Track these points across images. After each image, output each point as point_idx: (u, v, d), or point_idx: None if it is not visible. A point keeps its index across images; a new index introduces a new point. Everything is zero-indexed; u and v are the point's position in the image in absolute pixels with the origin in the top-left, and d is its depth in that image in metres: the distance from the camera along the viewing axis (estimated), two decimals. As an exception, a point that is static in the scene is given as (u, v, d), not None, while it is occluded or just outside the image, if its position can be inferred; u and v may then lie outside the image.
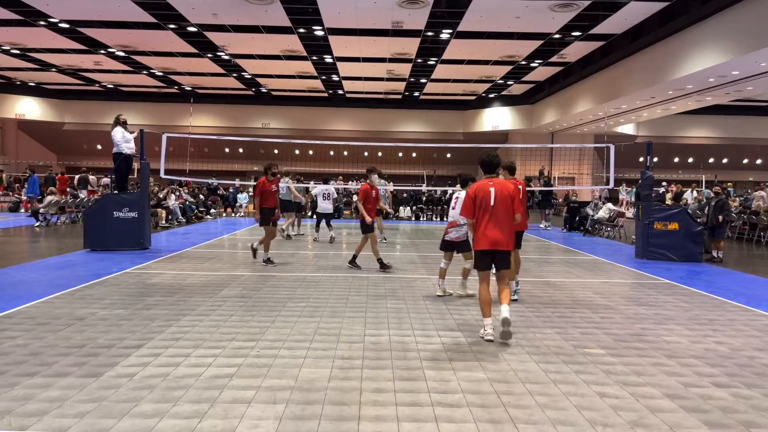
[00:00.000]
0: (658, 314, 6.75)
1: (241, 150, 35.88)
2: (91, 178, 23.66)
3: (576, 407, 3.91)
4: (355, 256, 9.81)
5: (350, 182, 25.73)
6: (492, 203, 5.58)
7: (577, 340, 5.58)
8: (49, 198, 17.41)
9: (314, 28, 19.53)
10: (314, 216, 15.90)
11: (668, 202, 19.64)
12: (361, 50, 22.57)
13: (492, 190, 5.62)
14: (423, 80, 28.50)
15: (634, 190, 27.28)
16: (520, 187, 6.86)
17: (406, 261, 10.91)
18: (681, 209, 12.04)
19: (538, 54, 22.72)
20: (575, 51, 22.37)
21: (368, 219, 9.49)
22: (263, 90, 32.51)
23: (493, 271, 5.77)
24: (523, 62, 24.14)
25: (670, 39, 17.86)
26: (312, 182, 16.71)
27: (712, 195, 13.04)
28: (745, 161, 37.81)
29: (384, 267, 9.56)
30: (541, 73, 26.58)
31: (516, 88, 30.68)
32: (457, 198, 7.46)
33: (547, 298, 7.57)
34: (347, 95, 33.73)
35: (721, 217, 11.87)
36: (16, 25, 19.81)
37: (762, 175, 36.32)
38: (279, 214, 10.03)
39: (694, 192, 24.33)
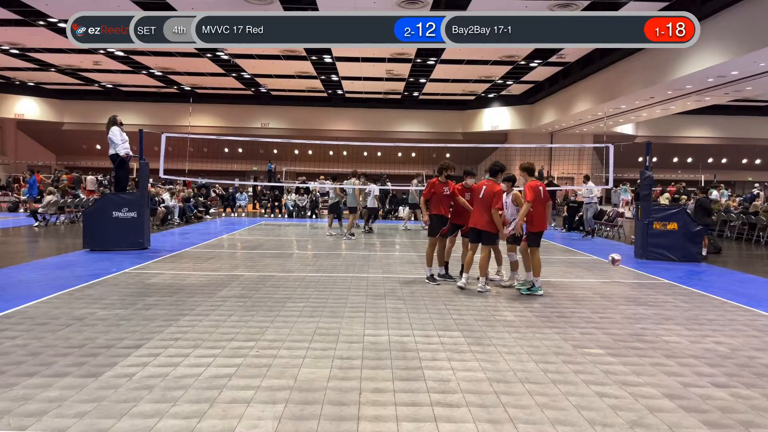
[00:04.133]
0: (658, 314, 6.75)
1: (240, 150, 35.88)
2: (90, 178, 23.66)
3: (575, 407, 3.91)
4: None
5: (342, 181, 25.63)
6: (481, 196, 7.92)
7: (577, 340, 5.58)
8: (48, 198, 17.40)
9: (314, 28, 19.51)
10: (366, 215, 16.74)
11: (663, 202, 19.67)
12: (361, 50, 22.57)
13: (484, 187, 7.90)
14: (422, 80, 28.52)
15: (624, 188, 27.35)
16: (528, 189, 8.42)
17: (405, 261, 10.91)
18: (680, 209, 12.05)
19: (538, 54, 22.75)
20: (574, 51, 22.39)
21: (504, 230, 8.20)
22: (263, 90, 32.52)
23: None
24: (523, 62, 24.16)
25: (670, 39, 17.84)
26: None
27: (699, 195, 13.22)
28: (744, 161, 37.85)
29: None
30: (540, 73, 26.61)
31: (515, 88, 30.70)
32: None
33: (547, 298, 7.57)
34: (347, 95, 33.74)
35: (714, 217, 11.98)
36: (15, 25, 19.81)
37: (761, 175, 36.37)
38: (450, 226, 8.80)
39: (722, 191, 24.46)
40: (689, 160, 37.24)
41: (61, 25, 19.58)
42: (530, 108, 32.53)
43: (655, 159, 31.62)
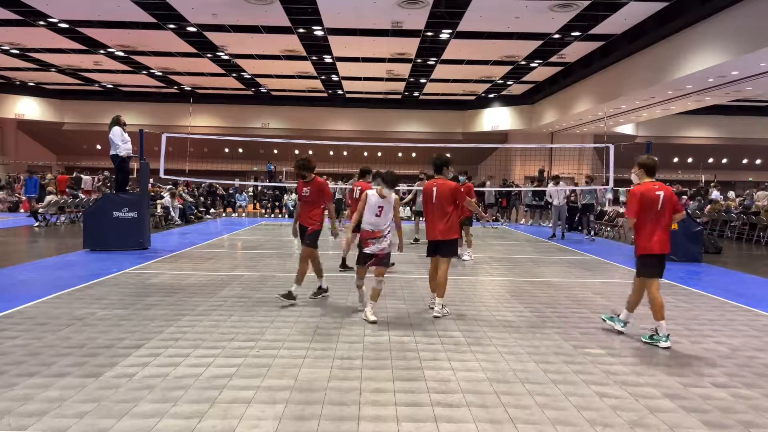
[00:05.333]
0: (658, 314, 6.74)
1: (240, 150, 35.87)
2: (86, 178, 23.66)
3: (576, 407, 3.91)
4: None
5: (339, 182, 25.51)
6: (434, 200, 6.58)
7: (577, 340, 5.58)
8: (48, 198, 17.41)
9: (314, 28, 19.53)
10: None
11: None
12: (361, 50, 22.57)
13: (435, 189, 6.55)
14: (423, 80, 28.51)
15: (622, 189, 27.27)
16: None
17: (405, 261, 10.91)
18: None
19: (538, 54, 22.72)
20: (575, 51, 22.37)
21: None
22: (263, 90, 32.51)
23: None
24: (523, 62, 24.15)
25: (670, 39, 17.86)
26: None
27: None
28: (745, 161, 37.82)
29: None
30: (540, 73, 26.58)
31: (515, 88, 30.68)
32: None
33: (547, 298, 7.57)
34: (347, 95, 33.73)
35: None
36: (15, 25, 19.80)
37: (762, 175, 36.32)
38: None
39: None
40: (689, 160, 37.20)
41: (62, 25, 19.59)
42: (530, 108, 32.50)
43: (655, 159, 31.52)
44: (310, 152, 35.74)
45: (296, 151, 35.95)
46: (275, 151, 35.00)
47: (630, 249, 13.03)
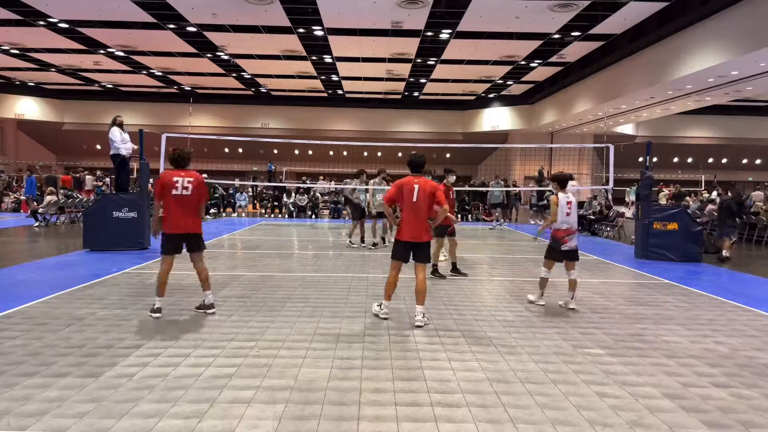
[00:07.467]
0: (658, 314, 6.75)
1: (240, 150, 35.89)
2: (88, 177, 23.66)
3: (575, 407, 3.91)
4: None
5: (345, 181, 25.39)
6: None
7: (577, 340, 5.58)
8: (48, 198, 17.40)
9: (314, 28, 19.55)
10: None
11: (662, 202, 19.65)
12: (361, 50, 22.58)
13: (416, 186, 6.15)
14: (422, 80, 28.53)
15: (634, 188, 27.26)
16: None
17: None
18: (680, 209, 12.05)
19: (538, 54, 22.74)
20: (575, 51, 22.39)
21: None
22: (263, 90, 32.52)
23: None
24: (523, 62, 24.16)
25: (670, 39, 17.87)
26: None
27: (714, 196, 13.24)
28: (745, 161, 37.83)
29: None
30: (540, 73, 26.61)
31: (515, 88, 30.70)
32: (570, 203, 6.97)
33: (547, 298, 7.56)
34: (347, 95, 33.75)
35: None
36: (15, 25, 19.82)
37: (761, 175, 36.35)
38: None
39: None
40: (689, 160, 37.23)
41: (62, 25, 19.59)
42: (530, 108, 32.53)
43: (655, 159, 31.62)
44: (310, 152, 35.85)
45: (296, 151, 36.02)
46: (275, 151, 35.02)
47: (630, 249, 13.03)
